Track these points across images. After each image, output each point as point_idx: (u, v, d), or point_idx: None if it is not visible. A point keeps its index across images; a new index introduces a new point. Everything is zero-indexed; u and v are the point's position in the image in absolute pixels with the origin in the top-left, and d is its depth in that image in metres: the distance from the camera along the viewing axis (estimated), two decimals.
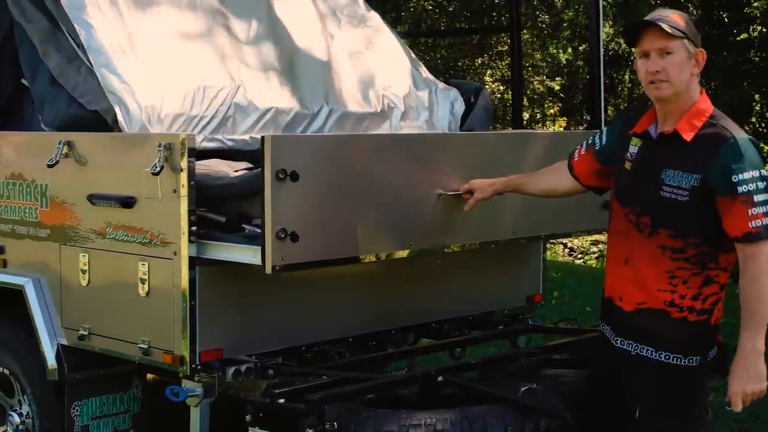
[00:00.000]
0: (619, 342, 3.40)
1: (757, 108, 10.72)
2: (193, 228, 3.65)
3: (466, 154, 4.10)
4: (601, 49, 5.13)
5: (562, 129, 21.52)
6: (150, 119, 4.08)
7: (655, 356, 3.30)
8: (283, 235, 3.37)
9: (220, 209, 3.74)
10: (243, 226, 3.65)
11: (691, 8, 10.82)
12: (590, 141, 3.66)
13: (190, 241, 3.66)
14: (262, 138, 3.37)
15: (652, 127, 3.38)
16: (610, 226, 3.50)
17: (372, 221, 3.70)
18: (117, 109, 4.03)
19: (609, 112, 26.76)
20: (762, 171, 3.19)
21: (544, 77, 22.06)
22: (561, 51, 22.88)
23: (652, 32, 3.24)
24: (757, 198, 3.15)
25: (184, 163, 3.64)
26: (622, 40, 22.69)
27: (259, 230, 3.48)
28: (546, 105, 22.40)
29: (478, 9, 14.72)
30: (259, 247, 3.42)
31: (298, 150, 3.48)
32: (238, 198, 3.73)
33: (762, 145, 10.63)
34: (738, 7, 10.45)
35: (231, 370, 3.78)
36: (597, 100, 5.10)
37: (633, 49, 3.42)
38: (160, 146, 3.67)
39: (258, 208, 3.47)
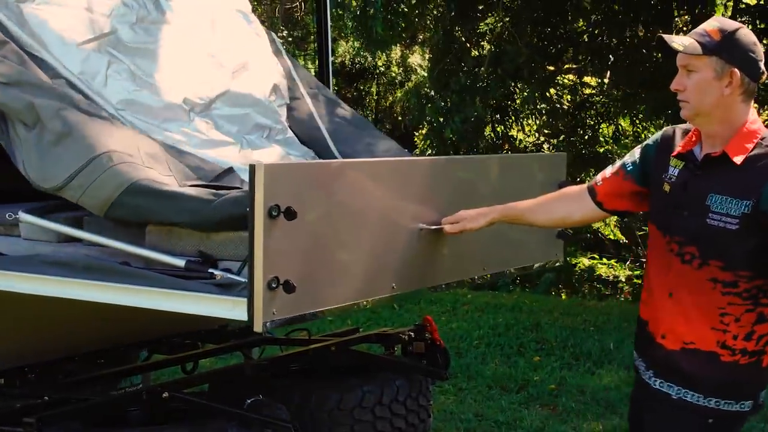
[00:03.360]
0: (658, 383, 3.07)
1: (488, 122, 11.29)
2: None
3: (451, 180, 3.63)
4: (330, 60, 5.30)
5: None
6: None
7: (702, 402, 2.97)
8: (275, 285, 2.78)
9: (172, 247, 3.21)
10: (211, 271, 3.04)
11: (431, 23, 11.27)
12: (619, 165, 3.25)
13: None
14: (252, 167, 2.76)
15: (696, 148, 3.03)
16: (649, 254, 3.17)
17: (361, 263, 3.17)
18: None
19: None
20: None
21: None
22: (309, 63, 23.23)
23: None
24: None
25: None
26: (368, 54, 23.35)
27: (234, 276, 2.97)
28: None
29: None
30: (244, 299, 2.81)
31: (296, 181, 2.88)
32: (198, 229, 3.14)
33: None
34: (473, 25, 10.95)
35: None
36: None
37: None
38: None
39: (227, 246, 3.08)
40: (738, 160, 2.90)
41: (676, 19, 10.94)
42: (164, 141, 3.69)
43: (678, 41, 2.92)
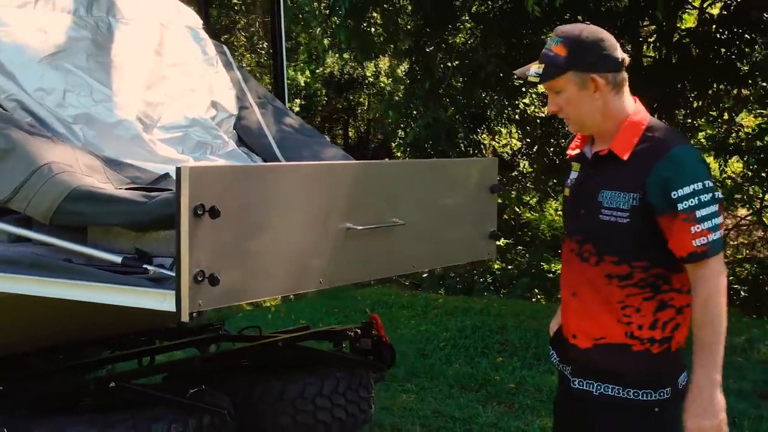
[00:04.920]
0: (577, 383, 3.10)
1: (460, 131, 11.53)
2: None
3: (379, 183, 3.77)
4: (285, 72, 5.55)
5: None
6: None
7: (623, 394, 3.00)
8: (200, 278, 2.97)
9: (111, 245, 3.43)
10: (145, 266, 3.27)
11: (403, 36, 11.53)
12: None
13: None
14: (178, 169, 2.94)
15: (587, 148, 3.13)
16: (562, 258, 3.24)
17: (287, 259, 3.35)
18: None
19: (350, 134, 27.61)
20: (706, 182, 2.89)
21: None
22: (299, 73, 23.46)
23: None
24: (701, 213, 2.86)
25: None
26: (356, 65, 23.56)
27: (165, 271, 3.20)
28: None
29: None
30: (173, 292, 3.00)
31: (218, 182, 3.07)
32: (133, 230, 3.38)
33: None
34: (442, 35, 11.21)
35: None
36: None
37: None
38: None
39: (160, 244, 3.30)
40: (624, 155, 2.97)
41: (644, 29, 11.19)
42: (109, 156, 3.92)
43: (533, 72, 2.99)
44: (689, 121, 11.41)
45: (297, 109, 24.08)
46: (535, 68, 3.00)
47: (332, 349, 5.00)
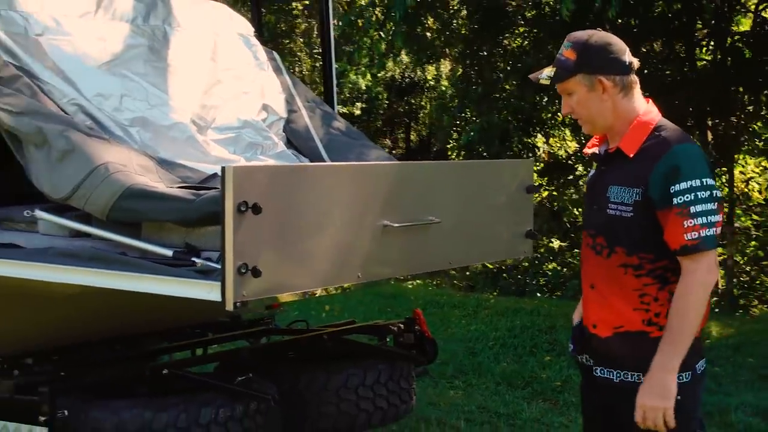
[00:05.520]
0: (599, 371, 3.26)
1: (514, 135, 11.65)
2: None
3: (416, 183, 3.94)
4: (334, 77, 5.75)
5: None
6: None
7: (643, 380, 3.12)
8: (244, 270, 3.16)
9: (163, 240, 3.67)
10: (193, 260, 3.50)
11: (455, 41, 11.69)
12: None
13: None
14: (222, 169, 3.14)
15: (603, 146, 3.31)
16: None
17: (326, 254, 3.51)
18: None
19: (412, 138, 27.74)
20: (705, 180, 3.05)
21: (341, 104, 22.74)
22: (360, 77, 23.72)
23: None
24: (695, 208, 3.02)
25: None
26: (419, 69, 23.73)
27: (212, 264, 3.39)
28: None
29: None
30: (218, 283, 3.18)
31: (260, 181, 3.25)
32: (182, 225, 3.61)
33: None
34: (496, 44, 11.38)
35: None
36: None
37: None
38: None
39: (208, 239, 3.52)
40: (631, 153, 3.16)
41: (700, 32, 11.19)
42: (163, 157, 4.16)
43: (545, 74, 3.21)
44: (744, 123, 11.41)
45: (358, 112, 24.35)
46: (547, 71, 3.22)
47: (377, 343, 5.19)
